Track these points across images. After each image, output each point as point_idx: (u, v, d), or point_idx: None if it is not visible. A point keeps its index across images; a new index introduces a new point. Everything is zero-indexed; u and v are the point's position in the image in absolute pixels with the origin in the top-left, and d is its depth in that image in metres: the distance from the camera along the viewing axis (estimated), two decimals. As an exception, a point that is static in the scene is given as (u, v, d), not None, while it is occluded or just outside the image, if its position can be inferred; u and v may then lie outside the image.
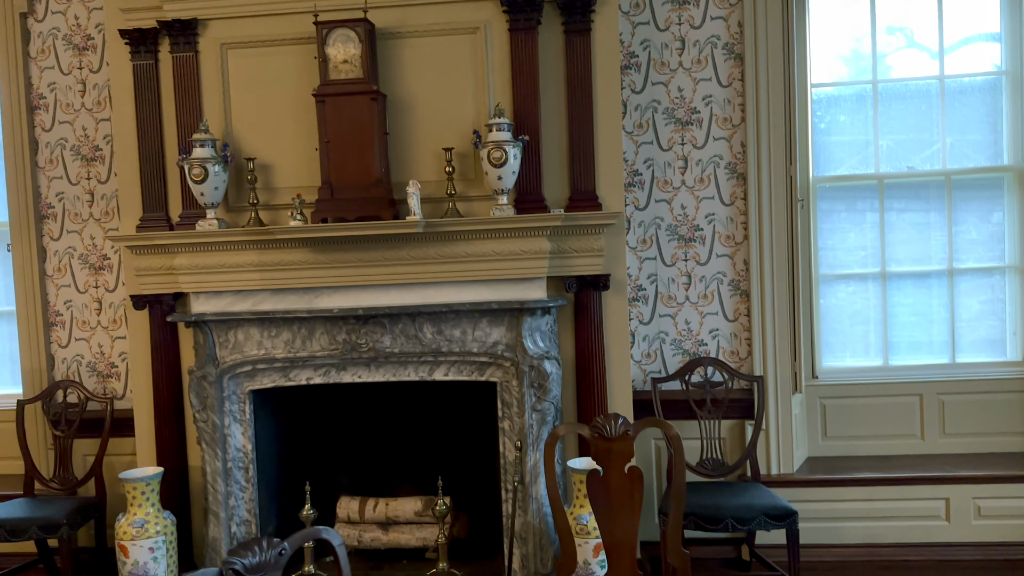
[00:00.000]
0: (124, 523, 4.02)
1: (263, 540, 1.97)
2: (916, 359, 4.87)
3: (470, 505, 4.80)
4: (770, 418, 4.57)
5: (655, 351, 4.72)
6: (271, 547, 1.97)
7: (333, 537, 2.11)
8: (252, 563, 1.92)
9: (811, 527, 4.39)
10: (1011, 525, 4.40)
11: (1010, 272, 4.81)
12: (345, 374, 4.27)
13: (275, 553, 1.97)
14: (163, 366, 4.35)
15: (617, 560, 2.82)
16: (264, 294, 4.22)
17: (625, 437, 2.89)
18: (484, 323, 4.17)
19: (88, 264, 4.91)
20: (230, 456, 4.29)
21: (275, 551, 1.97)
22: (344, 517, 4.61)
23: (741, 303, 4.63)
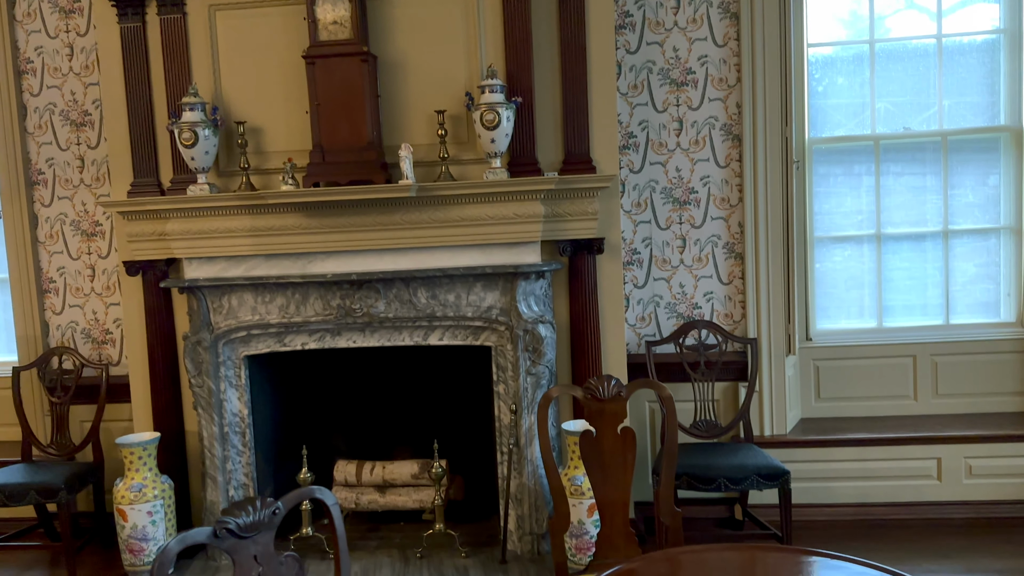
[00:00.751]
0: (122, 487, 4.05)
1: (257, 500, 1.98)
2: (910, 321, 4.88)
3: (466, 468, 4.84)
4: (763, 380, 4.59)
5: (649, 314, 4.72)
6: (265, 506, 1.98)
7: (327, 497, 2.12)
8: (246, 522, 1.93)
9: (804, 487, 4.44)
10: (1002, 484, 4.45)
11: (1005, 233, 4.81)
12: (340, 339, 4.27)
13: (268, 513, 1.99)
14: (157, 332, 4.35)
15: (610, 519, 2.85)
16: (257, 259, 4.20)
17: (618, 398, 2.91)
18: (478, 287, 4.17)
19: (80, 231, 4.88)
20: (226, 421, 4.31)
21: (269, 510, 1.99)
22: (341, 480, 4.65)
23: (735, 266, 4.63)
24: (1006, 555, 3.98)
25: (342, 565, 2.08)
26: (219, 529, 1.89)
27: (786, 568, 2.26)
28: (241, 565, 1.91)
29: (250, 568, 1.93)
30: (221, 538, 1.89)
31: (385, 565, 4.18)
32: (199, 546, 4.35)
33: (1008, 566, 3.86)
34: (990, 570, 3.83)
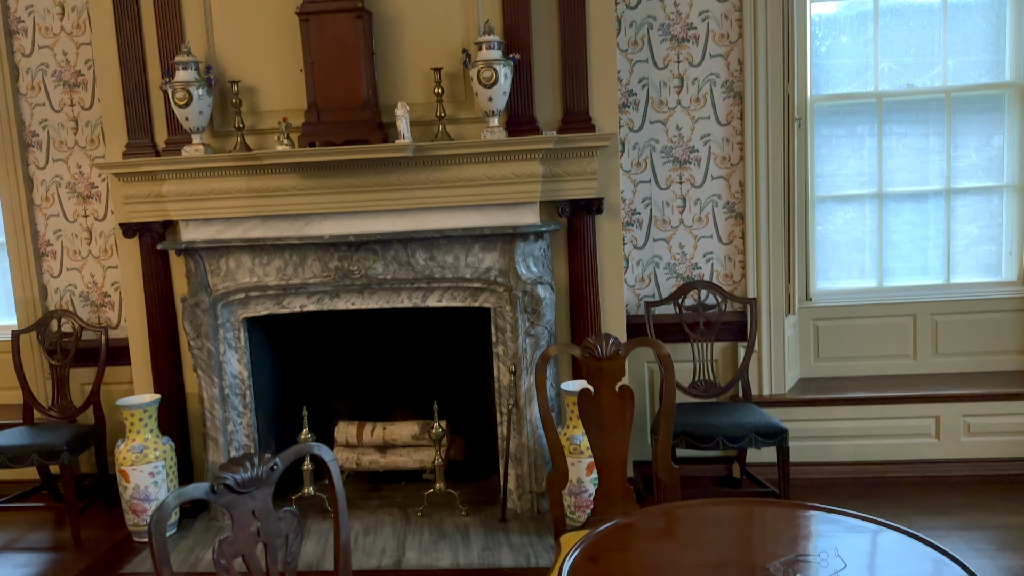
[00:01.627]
0: (123, 449, 4.07)
1: (255, 456, 1.98)
2: (911, 281, 4.86)
3: (466, 428, 4.87)
4: (763, 340, 4.59)
5: (649, 275, 4.70)
6: (263, 463, 1.98)
7: (325, 453, 2.13)
8: (244, 478, 1.93)
9: (802, 445, 4.46)
10: (1000, 442, 4.47)
11: (1008, 191, 4.76)
12: (338, 301, 4.26)
13: (266, 469, 1.99)
14: (156, 295, 4.34)
15: (608, 475, 2.86)
16: (254, 221, 4.18)
17: (616, 357, 2.90)
18: (477, 249, 4.14)
19: (76, 193, 4.85)
20: (227, 383, 4.32)
21: (266, 467, 1.99)
22: (342, 441, 4.67)
23: (736, 225, 4.59)
24: (1003, 512, 4.01)
25: (340, 520, 2.09)
26: (217, 485, 1.89)
27: (783, 521, 2.27)
28: (239, 520, 1.92)
29: (248, 523, 1.94)
30: (219, 494, 1.89)
31: (386, 524, 4.22)
32: (202, 506, 4.42)
33: (1005, 522, 3.89)
34: (987, 526, 3.85)
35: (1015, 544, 3.66)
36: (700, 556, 2.11)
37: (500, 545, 3.92)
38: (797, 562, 1.99)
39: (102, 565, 3.91)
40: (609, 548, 2.17)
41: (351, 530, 4.14)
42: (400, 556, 3.86)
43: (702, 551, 2.15)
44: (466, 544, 3.95)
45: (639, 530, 2.31)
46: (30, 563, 3.99)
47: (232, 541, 1.89)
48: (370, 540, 4.04)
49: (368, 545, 3.99)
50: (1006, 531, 3.79)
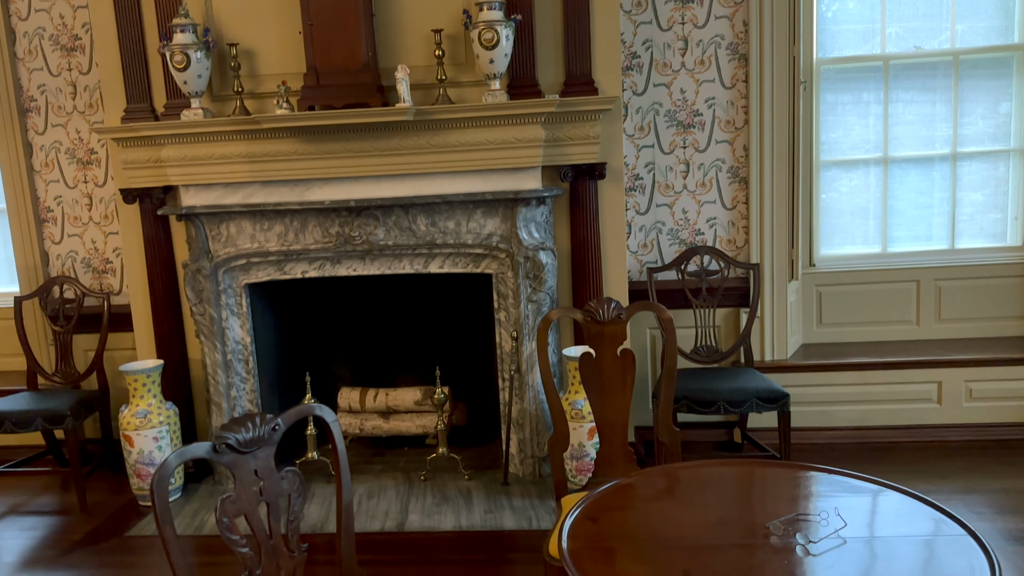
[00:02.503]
0: (127, 414, 4.09)
1: (256, 416, 1.99)
2: (915, 247, 4.83)
3: (468, 394, 4.88)
4: (765, 305, 4.57)
5: (651, 241, 4.68)
6: (264, 423, 1.99)
7: (326, 414, 2.13)
8: (245, 438, 1.94)
9: (803, 411, 4.47)
10: (1002, 407, 4.47)
11: (1015, 156, 4.72)
12: (340, 267, 4.25)
13: (268, 429, 1.99)
14: (157, 261, 4.33)
15: (609, 438, 2.87)
16: (254, 186, 4.15)
17: (617, 320, 2.90)
18: (478, 214, 4.12)
19: (75, 159, 4.82)
20: (229, 348, 4.32)
21: (268, 427, 1.99)
22: (345, 407, 4.69)
23: (740, 191, 4.56)
24: (1004, 476, 4.02)
25: (343, 480, 2.10)
26: (218, 444, 1.89)
27: (784, 482, 2.28)
28: (241, 479, 1.93)
29: (251, 482, 1.94)
30: (220, 453, 1.90)
31: (390, 487, 4.25)
32: (206, 471, 4.45)
33: (1005, 486, 3.91)
34: (987, 490, 3.87)
35: (1015, 508, 3.67)
36: (700, 515, 2.12)
37: (502, 508, 3.95)
38: (797, 521, 2.00)
39: (108, 528, 3.95)
40: (609, 508, 2.18)
41: (355, 494, 4.17)
42: (403, 519, 3.90)
43: (702, 510, 2.16)
44: (468, 507, 3.98)
45: (639, 490, 2.32)
46: (37, 526, 4.03)
47: (235, 500, 1.90)
48: (373, 503, 4.08)
49: (372, 508, 4.02)
50: (1006, 495, 3.81)
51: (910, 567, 1.81)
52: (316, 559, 3.41)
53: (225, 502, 1.88)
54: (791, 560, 1.82)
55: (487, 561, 3.47)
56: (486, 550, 3.57)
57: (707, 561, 1.86)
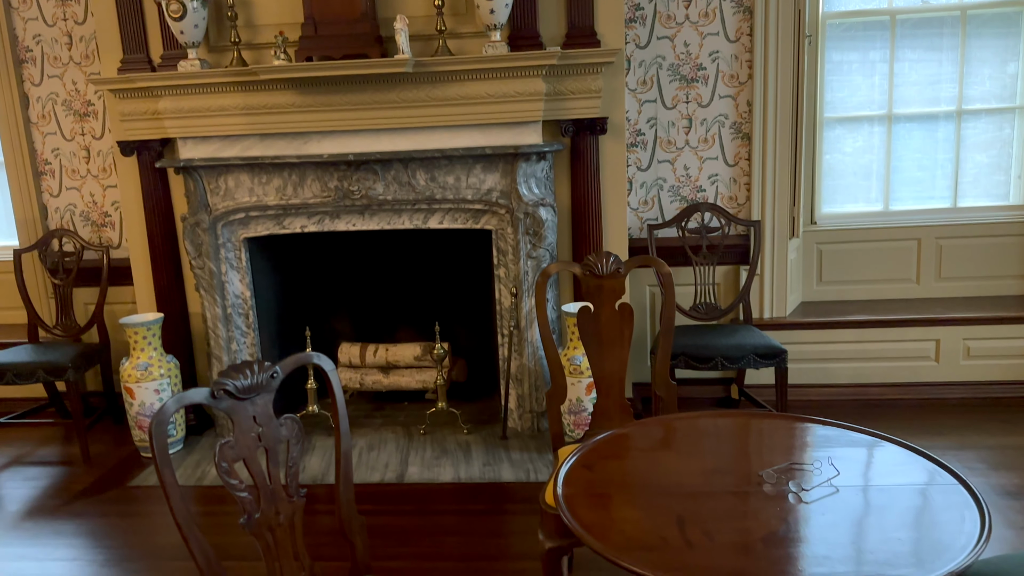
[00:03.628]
0: (128, 367, 4.11)
1: (255, 363, 1.99)
2: (918, 205, 4.81)
3: (468, 350, 4.90)
4: (765, 263, 4.56)
5: (652, 198, 4.65)
6: (263, 370, 1.99)
7: (324, 362, 2.13)
8: (244, 384, 1.95)
9: (801, 368, 4.49)
10: (999, 365, 4.48)
11: (1020, 113, 4.66)
12: (339, 222, 4.24)
13: (267, 376, 2.00)
14: (156, 214, 4.32)
15: (606, 391, 2.88)
16: (252, 139, 4.12)
17: (616, 275, 2.89)
18: (478, 169, 4.09)
19: (72, 111, 4.77)
20: (229, 302, 4.33)
21: (267, 374, 2.00)
22: (345, 362, 4.71)
23: (742, 147, 4.52)
24: (998, 432, 4.05)
25: (340, 425, 2.11)
26: (216, 390, 1.90)
27: (780, 432, 2.30)
28: (240, 425, 1.94)
29: (249, 428, 1.96)
30: (219, 399, 1.90)
31: (389, 441, 4.29)
32: (208, 423, 4.49)
33: (999, 442, 3.94)
34: (982, 446, 3.90)
35: (1009, 463, 3.71)
36: (695, 464, 2.14)
37: (500, 461, 3.99)
38: (791, 470, 2.02)
39: (110, 478, 4.00)
40: (604, 456, 2.20)
41: (355, 447, 4.21)
42: (403, 471, 3.94)
43: (697, 459, 2.18)
44: (467, 460, 4.02)
45: (635, 440, 2.34)
46: (40, 476, 4.08)
47: (233, 445, 1.92)
48: (374, 455, 4.12)
49: (372, 460, 4.06)
50: (1000, 451, 3.84)
51: (901, 515, 1.83)
52: (317, 509, 3.46)
53: (224, 447, 1.89)
54: (783, 507, 1.84)
55: (485, 511, 3.52)
56: (484, 501, 3.61)
57: (700, 507, 1.88)
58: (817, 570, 1.61)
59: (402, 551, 3.22)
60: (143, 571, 3.14)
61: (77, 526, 3.53)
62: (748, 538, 1.73)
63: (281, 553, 1.99)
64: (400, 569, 3.09)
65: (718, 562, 1.65)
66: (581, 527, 1.79)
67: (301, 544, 2.02)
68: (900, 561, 1.65)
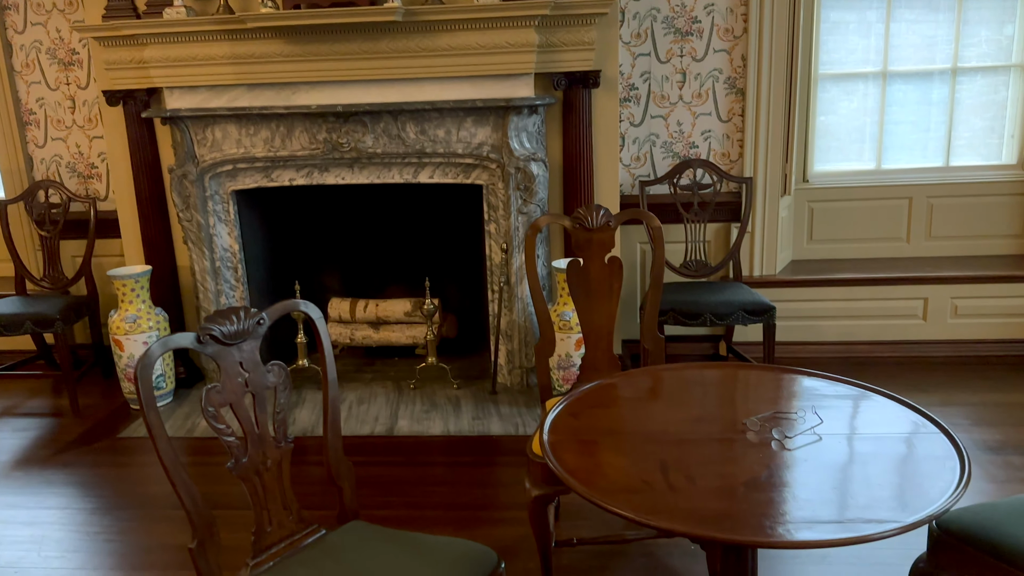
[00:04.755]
0: (117, 319, 4.10)
1: (241, 309, 1.99)
2: (910, 163, 4.79)
3: (458, 306, 4.90)
4: (756, 220, 4.56)
5: (645, 154, 4.62)
6: (249, 316, 1.99)
7: (311, 310, 2.13)
8: (230, 330, 1.95)
9: (789, 325, 4.51)
10: (986, 323, 4.52)
11: (1015, 72, 4.63)
12: (328, 176, 4.20)
13: (253, 322, 2.00)
14: (143, 165, 4.26)
15: (594, 344, 2.88)
16: (240, 89, 4.06)
17: (606, 228, 2.88)
18: (469, 123, 4.05)
19: (57, 59, 4.68)
20: (218, 256, 4.31)
21: (253, 320, 2.00)
22: (336, 317, 4.71)
23: (736, 102, 4.48)
24: (982, 390, 4.09)
25: (328, 371, 2.12)
26: (202, 335, 1.90)
27: (767, 383, 2.31)
28: (226, 371, 1.94)
29: (236, 374, 1.96)
30: (204, 344, 1.90)
31: (379, 395, 4.31)
32: (197, 375, 4.49)
33: (982, 399, 3.98)
34: (966, 403, 3.94)
35: (992, 420, 3.75)
36: (680, 412, 2.16)
37: (490, 415, 4.01)
38: (774, 418, 2.03)
39: (100, 430, 4.01)
40: (591, 405, 2.21)
41: (345, 400, 4.23)
42: (392, 424, 3.96)
43: (682, 408, 2.20)
44: (457, 414, 4.04)
45: (621, 390, 2.35)
46: (30, 427, 4.08)
47: (220, 390, 1.92)
48: (364, 409, 4.14)
49: (362, 414, 4.08)
50: (983, 407, 3.88)
51: (883, 463, 1.85)
52: (307, 460, 3.49)
53: (211, 392, 1.90)
54: (766, 454, 1.86)
55: (474, 463, 3.55)
56: (473, 453, 3.64)
57: (684, 453, 1.90)
58: (797, 513, 1.63)
59: (392, 500, 3.26)
60: (134, 519, 3.16)
61: (67, 476, 3.55)
62: (730, 483, 1.74)
63: (269, 498, 2.00)
64: (390, 517, 3.12)
65: (700, 505, 1.67)
66: (566, 472, 1.81)
67: (288, 489, 2.04)
68: (879, 505, 1.67)
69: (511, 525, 2.98)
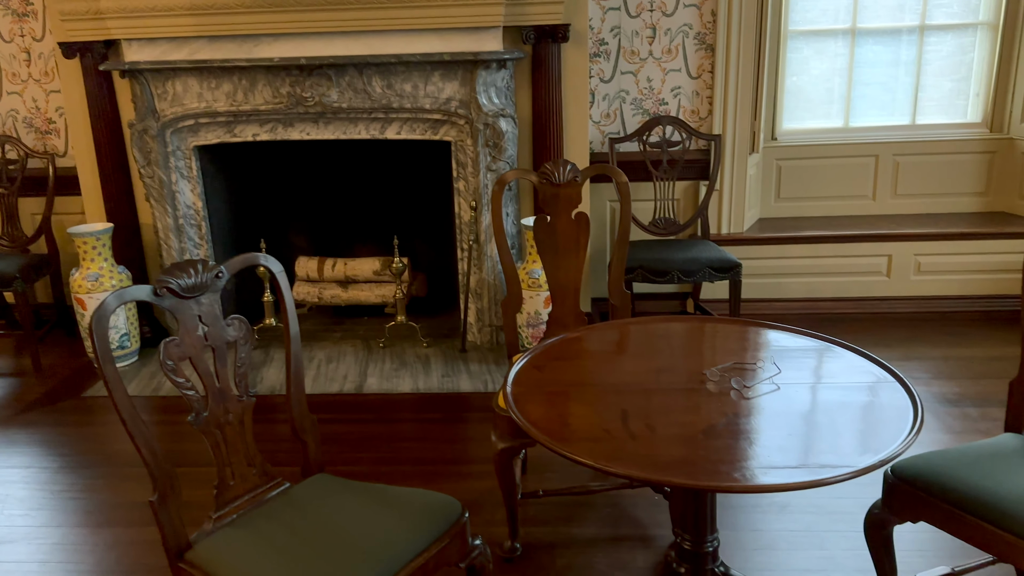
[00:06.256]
0: (78, 277, 4.03)
1: (199, 262, 1.96)
2: (877, 121, 4.81)
3: (428, 265, 4.88)
4: (724, 178, 4.56)
5: (615, 111, 4.59)
6: (207, 269, 1.96)
7: (272, 264, 2.10)
8: (187, 283, 1.91)
9: (756, 283, 4.55)
10: (948, 280, 4.59)
11: (981, 30, 4.65)
12: (292, 131, 4.12)
13: (211, 276, 1.97)
14: (102, 120, 4.16)
15: (561, 300, 2.89)
16: (200, 42, 3.95)
17: (573, 183, 2.87)
18: (436, 77, 3.99)
19: (10, 10, 4.52)
20: (181, 213, 4.24)
21: (211, 273, 1.97)
22: (303, 276, 4.67)
23: (706, 58, 4.45)
24: (943, 344, 4.18)
25: (290, 325, 2.10)
26: (159, 288, 1.87)
27: (731, 335, 2.33)
28: (185, 324, 1.92)
29: (195, 327, 1.93)
30: (162, 296, 1.87)
31: (348, 353, 4.30)
32: (163, 335, 4.44)
33: (943, 353, 4.06)
34: (927, 358, 4.02)
35: (951, 373, 3.83)
36: (643, 364, 2.17)
37: (459, 373, 4.02)
38: (734, 368, 2.05)
39: (63, 389, 3.96)
40: (556, 358, 2.22)
41: (313, 359, 4.22)
42: (362, 382, 3.96)
43: (646, 359, 2.21)
44: (426, 372, 4.05)
45: (587, 343, 2.36)
46: (-8, 387, 4.03)
47: (179, 344, 1.90)
48: (332, 367, 4.13)
49: (331, 372, 4.07)
50: (944, 362, 3.97)
51: (837, 412, 1.89)
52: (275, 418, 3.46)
53: (168, 345, 1.87)
54: (725, 403, 1.88)
55: (443, 419, 3.57)
56: (442, 410, 3.66)
57: (644, 403, 1.92)
58: (753, 459, 1.66)
59: (361, 456, 3.27)
60: (98, 477, 3.15)
61: (30, 435, 3.51)
62: (689, 430, 1.77)
63: (231, 452, 2.00)
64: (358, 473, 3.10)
65: (659, 451, 1.69)
66: (528, 422, 1.82)
67: (251, 443, 2.03)
68: (834, 451, 1.70)
69: (479, 479, 3.01)
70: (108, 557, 2.66)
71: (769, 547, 2.59)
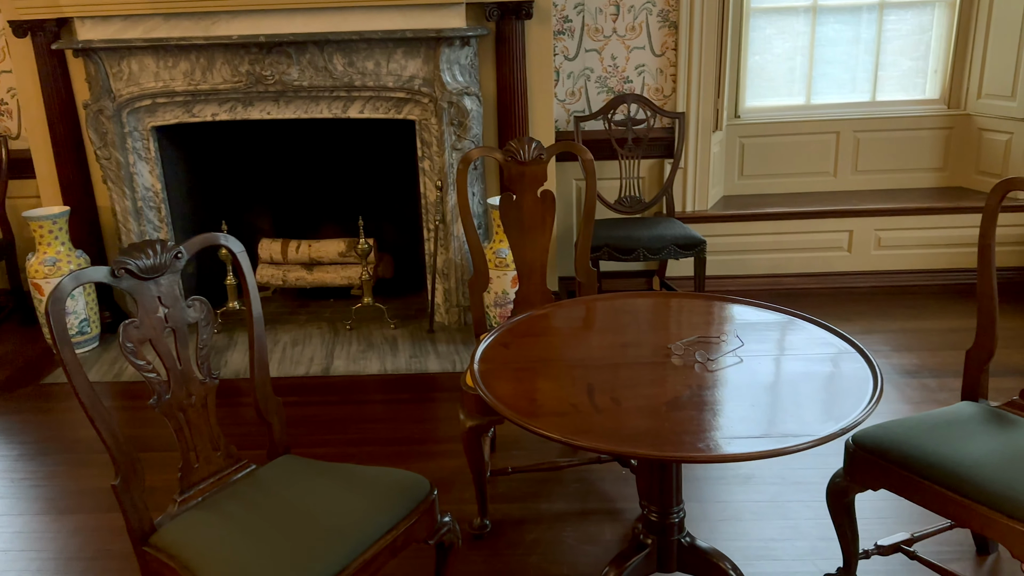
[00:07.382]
0: (35, 262, 3.94)
1: (157, 243, 1.92)
2: (839, 98, 4.87)
3: (394, 246, 4.85)
4: (689, 156, 4.59)
5: (579, 89, 4.58)
6: (166, 250, 1.92)
7: (232, 244, 2.07)
8: (146, 264, 1.88)
9: (720, 259, 4.59)
10: (907, 254, 4.68)
11: (940, 7, 4.71)
12: (252, 110, 4.06)
13: (170, 256, 1.93)
14: (56, 101, 4.05)
15: (528, 278, 2.89)
16: (156, 19, 3.86)
17: (538, 161, 2.86)
18: (399, 55, 3.94)
19: (-46, -12, 4.37)
20: (139, 195, 4.15)
21: (170, 254, 1.93)
22: (267, 258, 4.61)
23: (669, 36, 4.46)
24: (902, 317, 4.26)
25: (252, 304, 2.07)
26: (117, 269, 1.83)
27: (697, 310, 2.35)
28: (144, 306, 1.88)
29: (155, 309, 1.90)
30: (120, 278, 1.84)
31: (315, 336, 4.27)
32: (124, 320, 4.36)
33: (901, 326, 4.15)
34: (887, 331, 4.10)
35: (911, 345, 3.91)
36: (609, 339, 2.19)
37: (427, 354, 4.01)
38: (699, 342, 2.07)
39: (22, 376, 3.88)
40: (522, 335, 2.23)
41: (279, 342, 4.18)
42: (328, 364, 3.93)
43: (612, 335, 2.23)
44: (394, 353, 4.03)
45: (554, 319, 2.37)
46: (-53, 376, 3.93)
47: (138, 325, 1.86)
48: (298, 350, 4.09)
49: (297, 355, 4.04)
50: (903, 334, 4.05)
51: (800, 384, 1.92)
52: (240, 401, 3.45)
53: (127, 327, 1.84)
54: (689, 376, 1.90)
55: (411, 400, 3.56)
56: (410, 390, 3.65)
57: (610, 377, 1.93)
58: (716, 430, 1.68)
59: (329, 438, 3.25)
60: (59, 464, 3.09)
61: (-11, 424, 3.44)
62: (654, 403, 1.78)
63: (195, 435, 1.97)
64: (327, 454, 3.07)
65: (624, 424, 1.71)
66: (496, 399, 1.82)
67: (215, 425, 2.00)
68: (797, 421, 1.73)
69: (448, 457, 3.01)
70: (71, 544, 2.62)
71: (734, 517, 2.63)
